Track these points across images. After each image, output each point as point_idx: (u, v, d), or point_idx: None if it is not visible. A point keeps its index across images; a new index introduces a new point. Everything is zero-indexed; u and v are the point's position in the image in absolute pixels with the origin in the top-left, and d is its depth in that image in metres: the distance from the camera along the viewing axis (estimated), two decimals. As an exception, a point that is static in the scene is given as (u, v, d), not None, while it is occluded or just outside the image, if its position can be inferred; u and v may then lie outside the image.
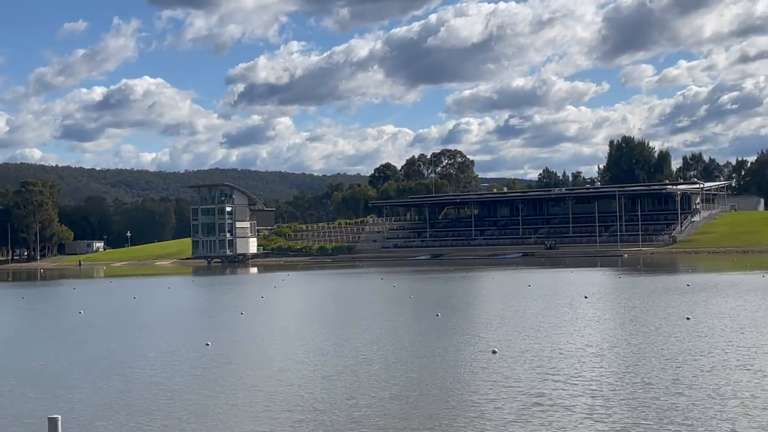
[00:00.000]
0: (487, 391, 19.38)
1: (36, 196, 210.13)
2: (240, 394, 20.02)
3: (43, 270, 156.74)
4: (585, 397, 18.47)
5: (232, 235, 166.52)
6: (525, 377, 21.00)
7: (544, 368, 22.26)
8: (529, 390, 19.31)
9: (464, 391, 19.67)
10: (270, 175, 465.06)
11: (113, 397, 19.98)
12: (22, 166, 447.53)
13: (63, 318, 43.82)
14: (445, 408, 17.81)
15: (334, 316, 40.07)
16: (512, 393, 19.06)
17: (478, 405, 18.01)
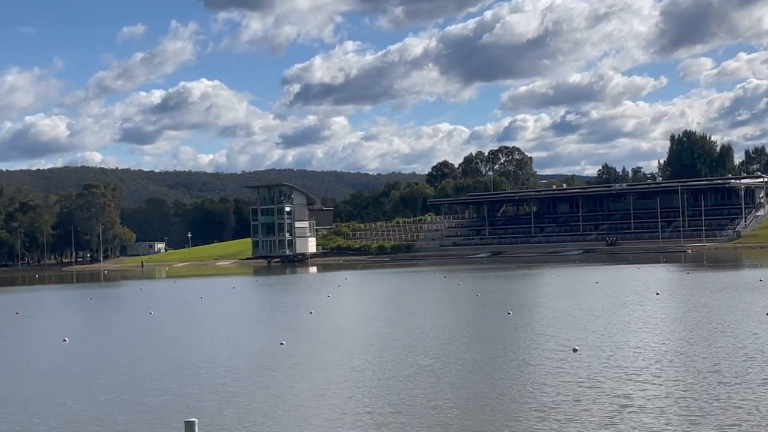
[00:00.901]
0: (572, 392, 19.06)
1: (98, 199, 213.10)
2: (318, 396, 19.91)
3: (107, 271, 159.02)
4: (673, 398, 18.06)
5: (292, 235, 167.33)
6: (608, 377, 20.65)
7: (625, 367, 21.88)
8: (615, 390, 18.95)
9: (547, 391, 19.30)
10: (325, 175, 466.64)
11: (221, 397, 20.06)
12: (82, 170, 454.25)
13: (136, 318, 44.24)
14: (530, 409, 17.49)
15: (403, 314, 39.90)
16: (597, 393, 18.72)
17: (563, 406, 17.67)
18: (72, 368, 25.87)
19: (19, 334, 38.13)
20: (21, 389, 22.24)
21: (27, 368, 26.31)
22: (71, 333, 35.83)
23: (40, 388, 22.27)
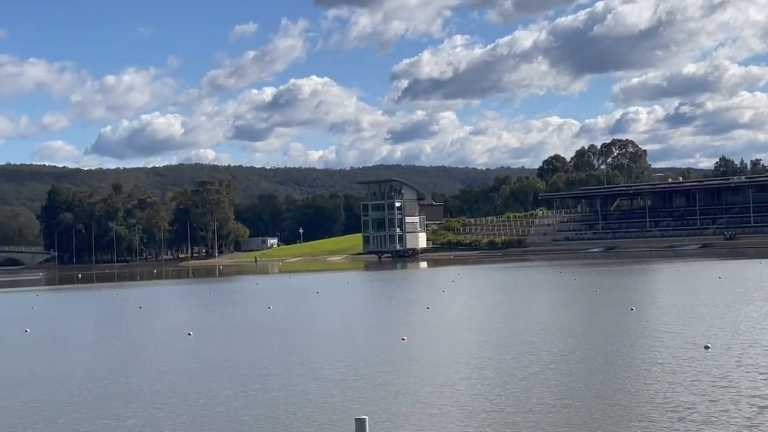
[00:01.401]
0: (707, 392, 18.44)
1: (213, 195, 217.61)
2: (441, 393, 19.75)
3: (222, 267, 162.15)
4: (817, 398, 17.34)
5: (402, 230, 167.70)
6: (742, 376, 19.95)
7: (760, 366, 21.11)
8: (752, 391, 18.25)
9: (680, 390, 18.67)
10: (433, 170, 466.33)
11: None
12: (196, 167, 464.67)
13: (255, 313, 44.84)
14: (664, 410, 16.95)
15: (521, 310, 39.44)
16: (734, 394, 18.07)
17: (699, 407, 17.08)
18: (198, 363, 26.27)
19: (144, 329, 39.03)
20: (150, 384, 22.67)
21: (154, 363, 26.84)
22: (195, 327, 36.52)
23: (167, 383, 22.69)
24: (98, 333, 37.81)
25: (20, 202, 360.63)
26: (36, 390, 22.13)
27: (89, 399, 20.58)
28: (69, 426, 17.44)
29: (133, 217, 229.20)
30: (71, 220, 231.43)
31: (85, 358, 28.71)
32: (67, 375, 24.67)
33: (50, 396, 21.14)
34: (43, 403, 20.13)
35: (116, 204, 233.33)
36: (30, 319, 44.84)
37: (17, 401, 20.60)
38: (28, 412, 19.12)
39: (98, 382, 23.02)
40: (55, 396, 21.12)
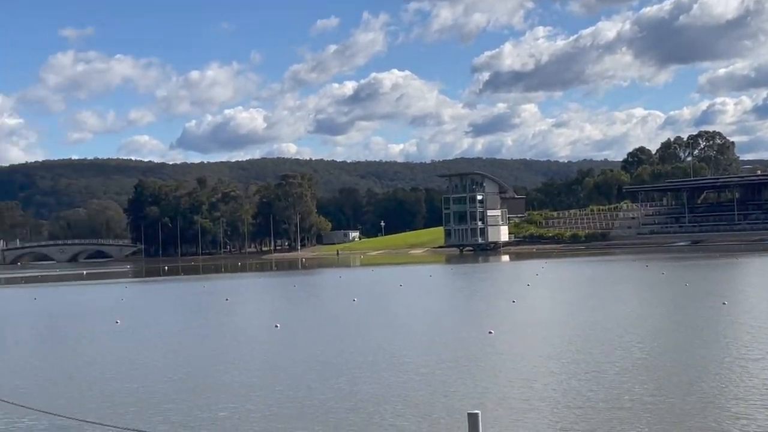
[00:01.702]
0: (809, 389, 17.88)
1: (295, 189, 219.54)
2: (531, 387, 19.52)
3: (305, 259, 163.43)
4: None
5: (484, 224, 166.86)
6: None
7: None
8: None
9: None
10: (515, 163, 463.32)
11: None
12: (278, 161, 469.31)
13: (340, 305, 45.00)
14: (761, 408, 16.48)
15: (608, 304, 38.75)
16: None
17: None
18: (285, 355, 26.43)
19: (231, 321, 39.46)
20: (238, 376, 22.85)
21: (242, 354, 27.09)
22: (281, 319, 36.79)
23: (256, 375, 22.86)
24: (186, 324, 38.37)
25: (108, 196, 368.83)
26: (126, 381, 22.49)
27: (179, 390, 20.83)
28: (161, 417, 17.65)
29: (217, 211, 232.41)
30: (157, 214, 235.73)
31: (173, 349, 29.12)
32: (157, 366, 25.06)
33: (140, 387, 21.44)
34: (134, 394, 20.42)
35: (201, 197, 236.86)
36: (120, 311, 45.74)
37: (109, 392, 20.96)
38: (120, 403, 19.41)
39: (187, 374, 23.30)
40: (146, 387, 21.41)
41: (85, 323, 40.27)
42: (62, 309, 51.38)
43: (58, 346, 31.43)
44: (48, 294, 71.95)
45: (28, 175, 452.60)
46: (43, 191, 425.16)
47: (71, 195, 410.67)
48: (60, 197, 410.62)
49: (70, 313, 47.53)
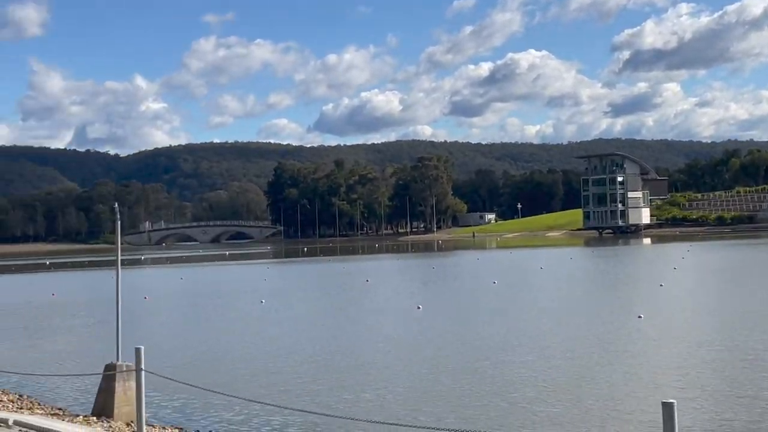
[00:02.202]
0: None
1: (431, 171, 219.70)
2: (686, 374, 18.75)
3: (441, 241, 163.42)
4: None
5: (624, 206, 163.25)
6: None
7: None
8: None
9: None
10: (655, 144, 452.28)
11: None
12: (413, 143, 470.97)
13: (480, 287, 44.63)
14: None
15: (761, 289, 37.17)
16: None
17: None
18: (428, 337, 26.24)
19: (372, 301, 39.58)
20: (383, 357, 22.80)
21: (386, 335, 27.05)
22: (422, 301, 36.68)
23: (399, 357, 22.73)
24: (328, 305, 38.68)
25: (247, 179, 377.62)
26: (273, 361, 22.70)
27: (324, 371, 20.89)
28: (307, 398, 17.66)
29: (354, 193, 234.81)
30: (296, 196, 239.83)
31: (317, 329, 29.35)
32: (302, 346, 25.24)
33: (285, 367, 21.60)
34: (279, 375, 20.58)
35: (338, 180, 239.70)
36: (264, 291, 46.53)
37: (257, 371, 21.19)
38: (264, 383, 19.57)
39: (332, 354, 23.38)
40: (290, 367, 21.56)
41: (231, 303, 41.10)
42: (208, 289, 52.65)
43: (207, 325, 32.10)
44: (193, 274, 73.97)
45: (171, 158, 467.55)
46: (186, 174, 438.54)
47: (213, 177, 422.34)
48: (202, 180, 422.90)
49: (216, 292, 48.63)
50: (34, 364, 22.96)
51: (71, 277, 76.06)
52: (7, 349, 26.62)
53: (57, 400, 18.00)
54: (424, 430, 13.30)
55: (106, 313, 37.67)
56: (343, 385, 18.74)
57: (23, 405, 16.63)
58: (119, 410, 14.80)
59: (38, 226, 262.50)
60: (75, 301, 45.98)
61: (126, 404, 14.91)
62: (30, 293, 53.96)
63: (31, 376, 19.95)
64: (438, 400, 16.86)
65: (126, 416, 14.78)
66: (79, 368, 22.08)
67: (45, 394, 18.78)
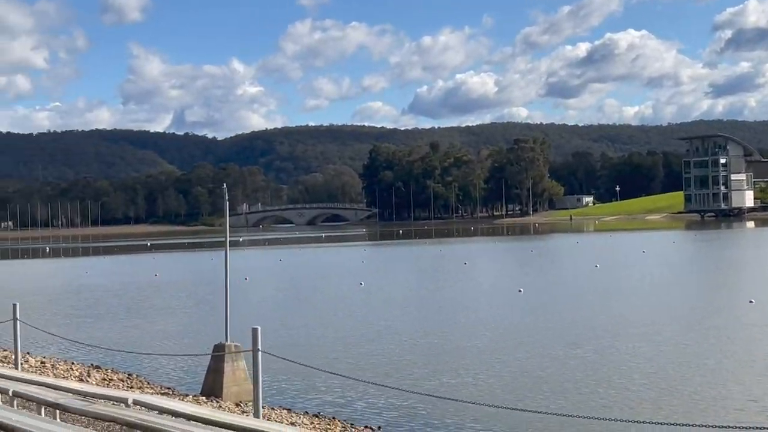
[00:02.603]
0: None
1: (528, 153, 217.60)
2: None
3: (537, 224, 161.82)
4: None
5: (727, 188, 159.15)
6: None
7: None
8: None
9: None
10: (759, 125, 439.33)
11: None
12: (508, 125, 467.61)
13: (580, 271, 43.92)
14: None
15: None
16: None
17: None
18: (530, 321, 25.80)
19: (472, 284, 39.28)
20: (484, 341, 22.49)
21: (487, 318, 26.72)
22: (523, 284, 36.18)
23: (500, 340, 22.35)
24: (428, 287, 38.49)
25: (342, 162, 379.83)
26: (372, 342, 22.55)
27: (425, 353, 20.69)
28: (410, 381, 17.40)
29: (449, 175, 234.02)
30: (391, 178, 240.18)
31: (418, 311, 29.20)
32: (403, 328, 25.08)
33: (386, 349, 21.44)
34: (380, 356, 20.42)
35: (433, 162, 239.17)
36: (362, 273, 46.57)
37: (354, 353, 21.07)
38: (366, 364, 19.40)
39: (433, 337, 23.16)
40: (391, 349, 21.40)
41: (330, 284, 41.24)
42: (307, 270, 52.99)
43: (308, 306, 32.20)
44: (291, 255, 74.57)
45: (268, 141, 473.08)
46: (282, 157, 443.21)
47: (308, 160, 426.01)
48: (297, 162, 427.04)
49: (315, 274, 48.89)
50: (138, 343, 23.28)
51: (172, 258, 77.49)
52: (112, 329, 27.08)
53: (164, 380, 18.18)
54: (530, 414, 12.97)
55: (206, 293, 38.24)
56: (445, 369, 18.46)
57: (133, 384, 16.83)
58: (228, 390, 14.82)
59: (139, 208, 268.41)
60: (176, 281, 46.76)
61: (234, 384, 14.93)
62: (133, 274, 55.09)
63: (138, 356, 20.21)
64: (539, 388, 16.43)
65: (234, 396, 14.79)
66: (182, 348, 22.35)
67: (152, 373, 18.98)
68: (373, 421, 14.23)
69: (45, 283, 50.29)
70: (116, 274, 56.11)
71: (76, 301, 37.40)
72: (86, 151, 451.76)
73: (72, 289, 43.57)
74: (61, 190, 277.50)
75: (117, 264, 70.56)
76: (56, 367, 18.18)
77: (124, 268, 64.21)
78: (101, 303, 36.05)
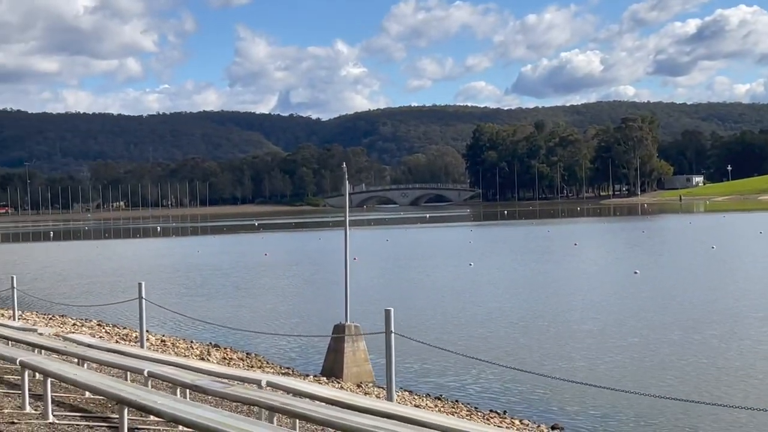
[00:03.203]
0: None
1: (635, 132, 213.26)
2: None
3: (646, 205, 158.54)
4: None
5: None
6: None
7: None
8: None
9: None
10: None
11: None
12: (614, 104, 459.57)
13: (698, 252, 42.68)
14: None
15: None
16: None
17: None
18: (646, 304, 25.06)
19: (584, 266, 38.56)
20: (598, 324, 21.91)
21: (600, 301, 26.12)
22: (638, 265, 35.30)
23: (615, 324, 21.74)
24: (538, 268, 37.89)
25: (444, 142, 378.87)
26: (483, 326, 22.18)
27: (539, 335, 20.31)
28: (524, 363, 17.00)
29: (554, 155, 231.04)
30: (495, 158, 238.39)
31: (530, 293, 28.74)
32: (516, 310, 24.69)
33: (497, 331, 21.11)
34: (491, 339, 20.08)
35: (538, 142, 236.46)
36: (470, 253, 46.16)
37: (471, 334, 20.78)
38: (478, 347, 19.07)
39: (544, 319, 22.72)
40: (504, 331, 21.06)
41: (439, 264, 40.99)
42: (414, 250, 52.78)
43: (418, 287, 32.02)
44: (397, 236, 74.50)
45: (371, 122, 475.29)
46: (385, 137, 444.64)
47: (410, 141, 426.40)
48: (400, 143, 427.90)
49: (422, 254, 48.66)
50: (251, 322, 23.45)
51: (280, 238, 78.32)
52: (224, 308, 27.35)
53: (281, 359, 18.15)
54: (653, 399, 12.48)
55: (315, 272, 38.50)
56: (558, 354, 18.03)
57: (252, 363, 16.85)
58: (348, 371, 14.71)
59: (245, 188, 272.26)
60: (286, 261, 47.13)
61: (355, 365, 14.81)
62: (243, 253, 55.78)
63: (253, 334, 20.27)
64: (663, 371, 15.88)
65: (355, 377, 14.67)
66: (294, 328, 22.45)
67: (268, 352, 18.98)
68: (495, 404, 13.93)
69: (159, 261, 51.35)
70: (226, 253, 56.89)
71: (188, 279, 37.99)
72: (193, 133, 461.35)
73: (184, 268, 44.33)
74: (171, 171, 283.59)
75: (226, 243, 71.59)
76: (176, 345, 18.34)
77: (233, 247, 65.11)
78: (213, 282, 36.54)
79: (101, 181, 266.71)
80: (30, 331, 13.22)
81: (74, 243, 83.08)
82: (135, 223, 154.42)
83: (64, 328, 20.39)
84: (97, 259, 55.46)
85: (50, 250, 69.66)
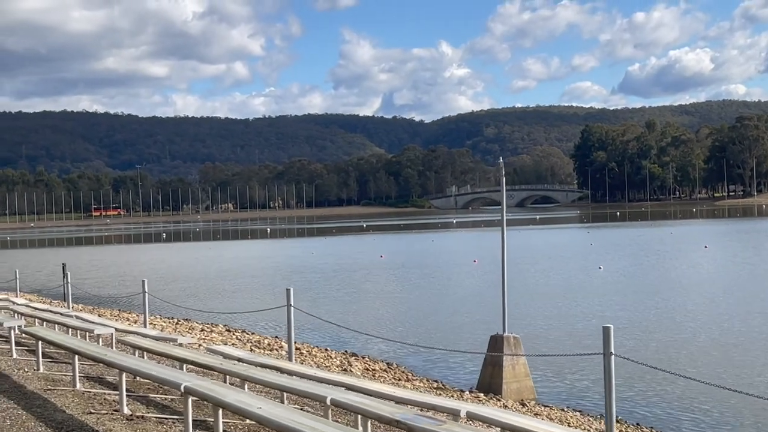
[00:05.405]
0: None
1: (751, 131, 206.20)
2: None
3: (765, 206, 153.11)
4: None
5: None
6: None
7: None
8: None
9: None
10: None
11: None
12: (724, 103, 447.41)
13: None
14: None
15: None
16: None
17: None
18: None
19: (730, 269, 36.48)
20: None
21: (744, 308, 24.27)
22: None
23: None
24: (674, 271, 35.94)
25: (548, 143, 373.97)
26: (683, 341, 20.57)
27: (714, 346, 18.71)
28: (700, 374, 15.43)
29: (666, 155, 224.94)
30: (604, 159, 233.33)
31: (674, 299, 26.95)
32: (679, 319, 23.00)
33: (701, 346, 19.46)
34: (694, 357, 18.46)
35: (649, 142, 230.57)
36: (595, 256, 44.37)
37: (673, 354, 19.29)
38: (689, 367, 17.53)
39: (716, 330, 21.03)
40: (709, 347, 19.42)
41: (563, 267, 39.40)
42: (531, 253, 51.00)
43: (549, 290, 30.49)
44: (509, 237, 72.50)
45: (473, 123, 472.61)
46: (488, 138, 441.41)
47: (514, 142, 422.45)
48: (504, 144, 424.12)
49: (541, 257, 46.87)
50: (382, 328, 22.38)
51: (391, 239, 77.34)
52: (354, 312, 26.35)
53: (427, 371, 16.81)
54: None
55: (437, 275, 37.28)
56: (737, 362, 16.40)
57: (398, 376, 15.66)
58: (508, 387, 13.42)
59: (350, 190, 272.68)
60: (403, 263, 45.94)
61: (515, 380, 13.51)
62: (356, 255, 54.92)
63: (390, 342, 19.12)
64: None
65: (515, 394, 13.37)
66: (435, 336, 21.19)
67: (410, 363, 17.70)
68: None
69: (274, 262, 50.90)
70: (340, 255, 56.07)
71: (306, 282, 37.15)
72: (299, 135, 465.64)
73: (301, 269, 43.63)
74: (277, 173, 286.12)
75: (337, 245, 70.88)
76: (314, 355, 17.20)
77: (345, 249, 64.30)
78: (333, 284, 35.72)
79: (210, 184, 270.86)
80: (170, 341, 12.23)
81: (186, 244, 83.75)
82: (243, 224, 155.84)
83: (193, 334, 19.59)
84: (214, 260, 55.37)
85: (163, 251, 70.17)
